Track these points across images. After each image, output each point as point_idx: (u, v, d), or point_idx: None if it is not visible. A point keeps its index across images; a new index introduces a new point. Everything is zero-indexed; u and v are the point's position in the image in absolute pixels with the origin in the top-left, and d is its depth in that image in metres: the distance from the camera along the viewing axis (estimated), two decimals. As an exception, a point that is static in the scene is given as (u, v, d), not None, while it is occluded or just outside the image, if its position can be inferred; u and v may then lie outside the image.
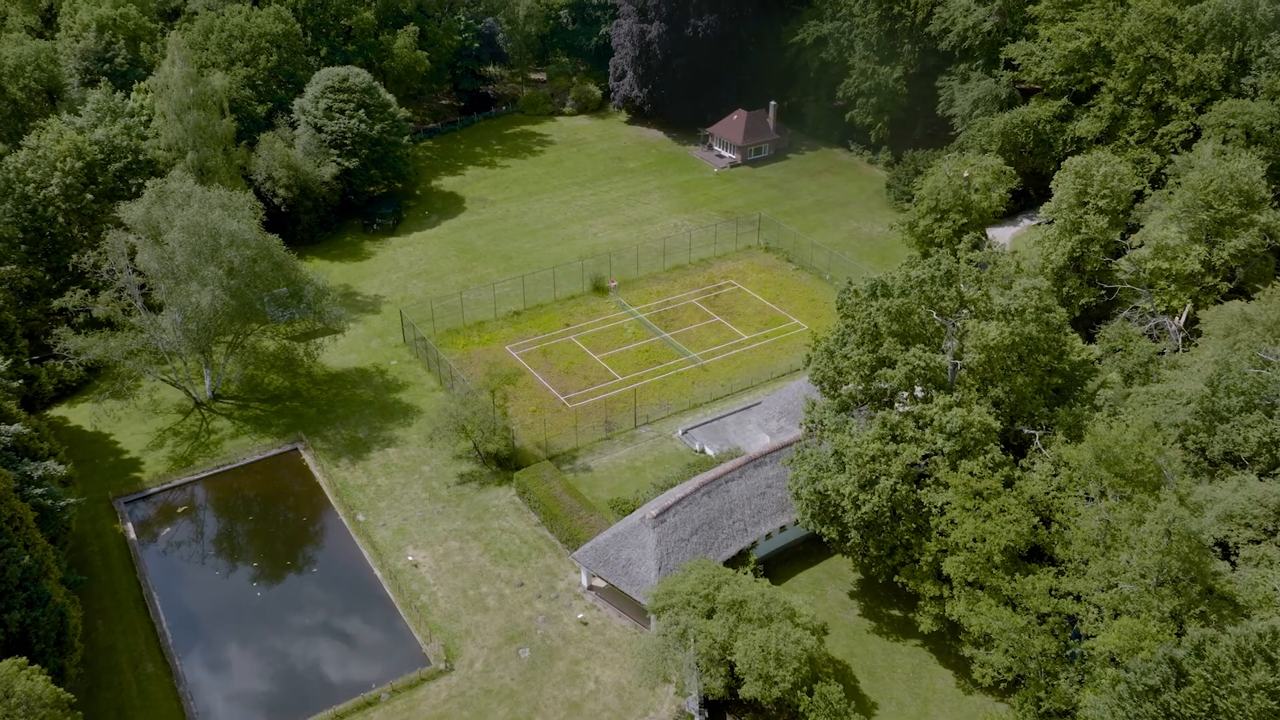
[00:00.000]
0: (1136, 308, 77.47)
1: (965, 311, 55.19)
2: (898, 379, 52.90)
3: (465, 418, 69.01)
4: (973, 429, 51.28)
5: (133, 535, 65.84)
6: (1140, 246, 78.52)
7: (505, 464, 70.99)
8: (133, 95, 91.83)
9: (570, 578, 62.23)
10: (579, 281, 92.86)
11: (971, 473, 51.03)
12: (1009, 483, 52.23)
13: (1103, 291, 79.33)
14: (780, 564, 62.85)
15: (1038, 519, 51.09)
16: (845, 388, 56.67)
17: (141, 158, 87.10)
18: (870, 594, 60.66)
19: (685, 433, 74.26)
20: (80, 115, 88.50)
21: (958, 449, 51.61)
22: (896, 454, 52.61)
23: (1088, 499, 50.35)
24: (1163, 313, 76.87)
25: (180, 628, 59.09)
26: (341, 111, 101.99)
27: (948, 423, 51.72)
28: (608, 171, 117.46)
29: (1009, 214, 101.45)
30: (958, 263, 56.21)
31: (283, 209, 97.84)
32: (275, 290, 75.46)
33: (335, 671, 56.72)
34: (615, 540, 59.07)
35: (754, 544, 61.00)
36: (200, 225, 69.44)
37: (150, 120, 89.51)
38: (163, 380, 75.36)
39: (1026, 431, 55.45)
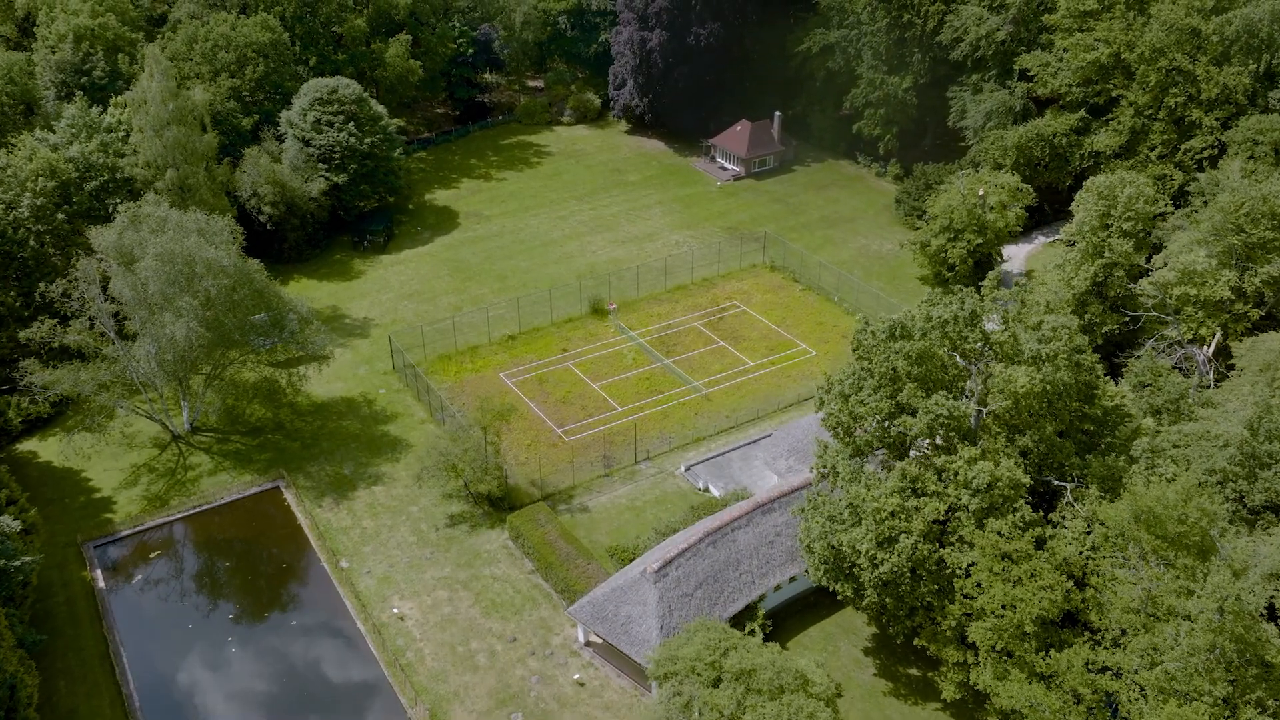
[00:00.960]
0: (1162, 336, 73.63)
1: (989, 354, 51.33)
2: (919, 428, 49.02)
3: (456, 456, 65.19)
4: (1001, 485, 47.40)
5: (101, 584, 61.99)
6: (1164, 268, 74.57)
7: (498, 504, 67.14)
8: (110, 110, 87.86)
9: (566, 632, 58.39)
10: (577, 303, 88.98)
11: (1000, 533, 47.17)
12: (1040, 543, 48.35)
13: (1126, 318, 75.45)
14: (790, 616, 59.04)
15: (1071, 582, 47.19)
16: (860, 432, 52.84)
17: (119, 176, 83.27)
18: (886, 650, 56.83)
19: (688, 469, 70.42)
20: (55, 131, 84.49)
21: (984, 506, 47.73)
22: (917, 509, 48.77)
23: (1124, 559, 46.46)
24: (1190, 341, 72.99)
25: (148, 690, 55.21)
26: (330, 124, 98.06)
27: (974, 478, 47.83)
28: (607, 184, 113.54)
29: (1024, 230, 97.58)
30: (981, 300, 52.28)
31: (269, 227, 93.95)
32: (254, 317, 71.43)
33: (313, 739, 52.98)
34: (614, 595, 55.20)
35: (761, 597, 57.17)
36: (175, 253, 65.56)
37: (128, 136, 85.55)
38: (137, 413, 71.43)
39: (1056, 483, 51.54)
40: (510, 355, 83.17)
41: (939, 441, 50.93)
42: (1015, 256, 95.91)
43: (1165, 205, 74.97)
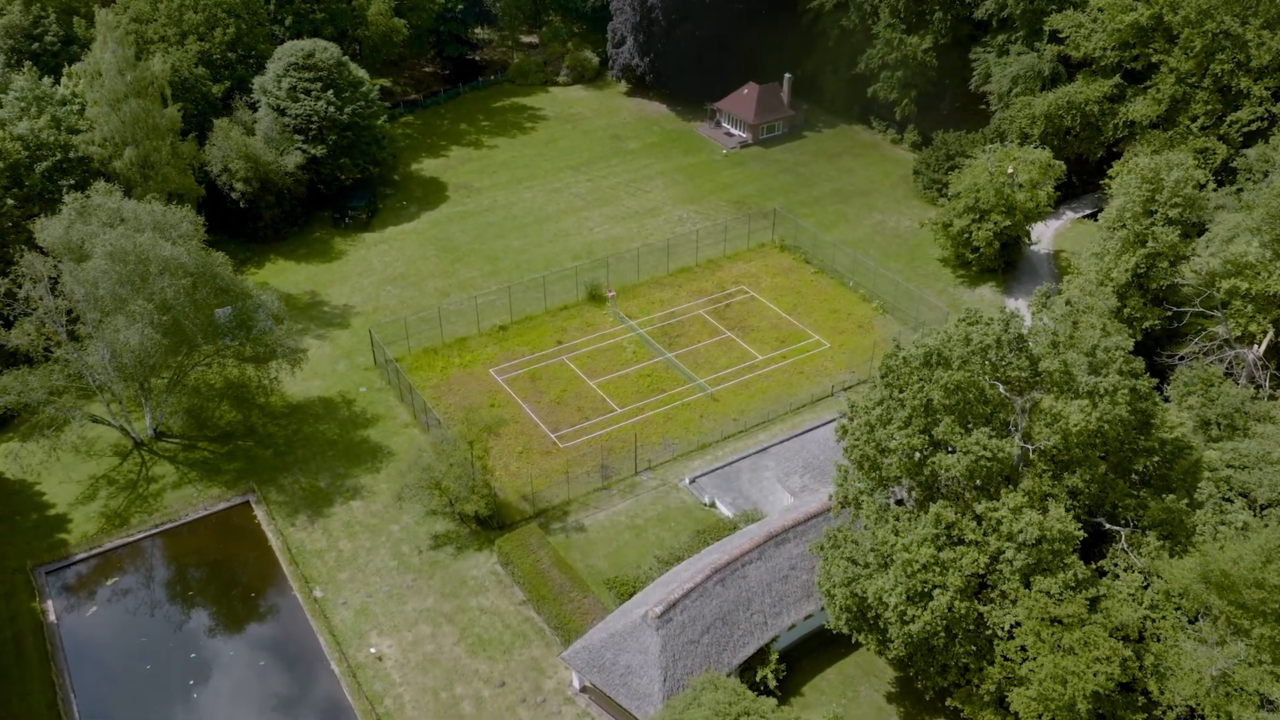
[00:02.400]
0: (1208, 334, 67.63)
1: (1036, 381, 45.43)
2: (958, 470, 43.29)
3: (440, 473, 59.62)
4: (1050, 538, 41.80)
5: (52, 616, 56.78)
6: (1208, 252, 68.24)
7: (486, 522, 61.69)
8: (64, 80, 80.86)
9: (560, 674, 53.25)
10: (573, 289, 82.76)
11: (1049, 593, 41.69)
12: (1093, 602, 42.87)
13: (1169, 313, 69.36)
14: (805, 655, 53.86)
15: (1128, 647, 41.83)
16: (887, 463, 47.12)
17: (73, 155, 76.54)
18: (911, 698, 51.65)
19: (692, 481, 64.86)
20: (1, 105, 77.60)
21: (1031, 561, 42.18)
22: (954, 561, 43.26)
23: (1191, 626, 41.04)
24: (1238, 339, 67.02)
25: (100, 745, 50.32)
26: (307, 92, 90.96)
27: (1019, 531, 42.23)
28: (605, 153, 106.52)
29: (1052, 205, 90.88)
30: (1024, 320, 46.24)
31: (241, 204, 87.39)
32: (218, 311, 65.24)
33: (281, 803, 48.07)
34: (613, 641, 49.93)
35: (774, 638, 51.95)
36: (127, 251, 59.31)
37: (84, 110, 78.68)
38: (95, 420, 65.68)
39: (1109, 527, 45.92)
40: (501, 348, 77.21)
41: (978, 482, 45.22)
42: (1043, 235, 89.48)
43: (1208, 181, 68.67)
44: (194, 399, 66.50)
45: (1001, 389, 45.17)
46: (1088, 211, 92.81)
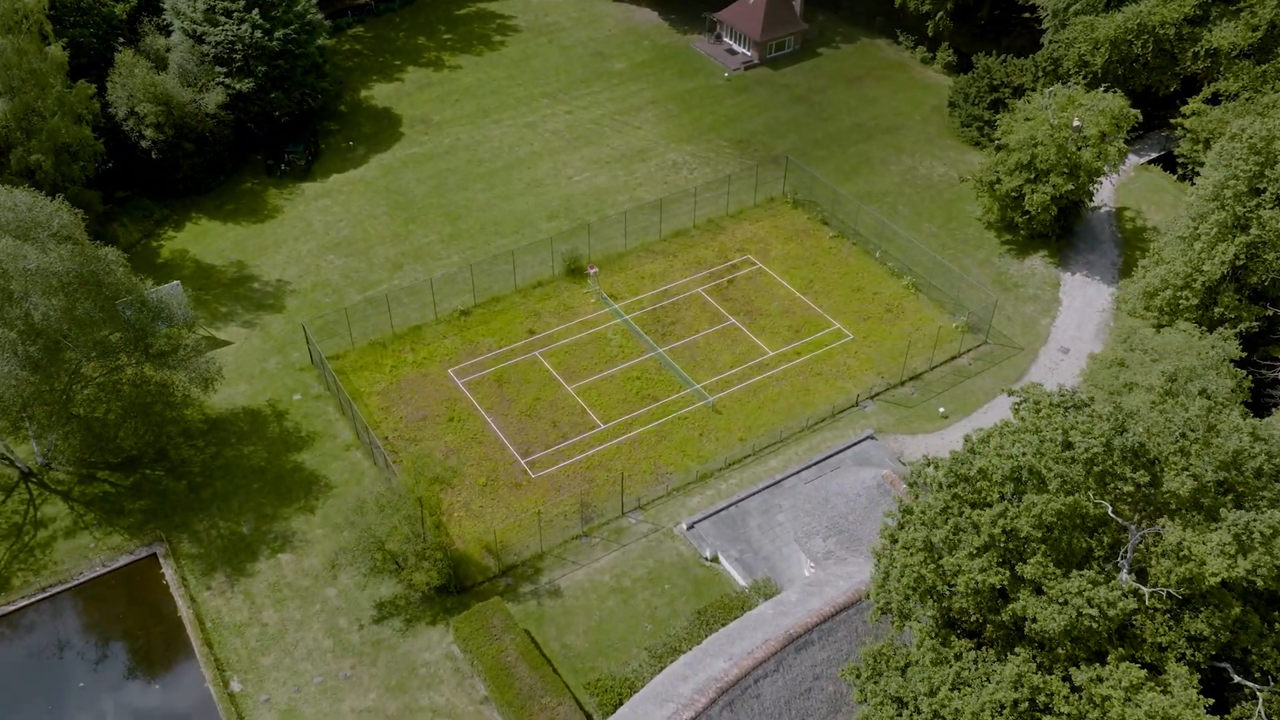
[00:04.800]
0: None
1: (1155, 501, 33.90)
2: (1054, 629, 32.17)
3: (383, 532, 48.45)
4: (1178, 732, 31.04)
5: (-91, 725, 46.44)
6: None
7: (443, 585, 50.86)
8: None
9: (529, 807, 43.33)
10: (548, 261, 69.91)
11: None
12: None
13: (1270, 313, 57.31)
14: (829, 776, 43.87)
15: None
16: (947, 589, 36.02)
17: (-70, 110, 62.50)
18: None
19: (690, 527, 53.83)
20: None
21: (1148, 760, 31.51)
22: (1040, 743, 32.61)
23: None
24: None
25: None
26: (228, 13, 75.77)
27: (1130, 715, 31.39)
28: (587, 75, 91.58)
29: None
30: (1145, 413, 34.42)
31: (154, 155, 73.45)
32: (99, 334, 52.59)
33: None
34: (592, 791, 39.75)
35: (795, 772, 41.86)
36: (-27, 267, 46.54)
37: (-57, 50, 64.11)
38: (-34, 454, 54.17)
39: (1238, 680, 35.07)
40: (462, 339, 64.99)
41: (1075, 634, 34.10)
42: (1102, 187, 76.14)
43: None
44: (86, 432, 54.40)
45: (1110, 510, 33.61)
46: (1154, 155, 79.25)
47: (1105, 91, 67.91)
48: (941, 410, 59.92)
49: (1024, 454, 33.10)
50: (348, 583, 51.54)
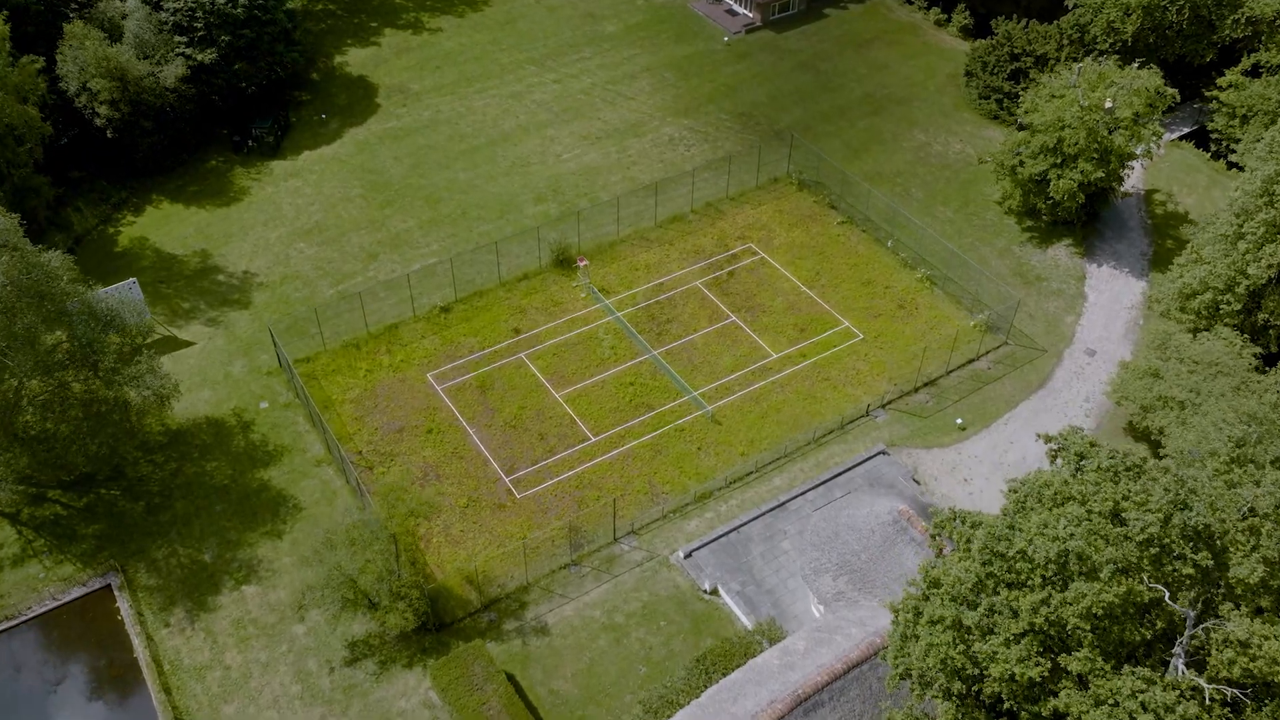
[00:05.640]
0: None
1: (1215, 586, 29.77)
2: (1101, 738, 28.24)
3: (354, 569, 44.41)
4: None
5: None
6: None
7: (421, 624, 46.94)
8: None
9: None
10: (534, 251, 65.05)
11: None
12: None
13: (1318, 318, 52.78)
14: (839, 842, 40.35)
15: None
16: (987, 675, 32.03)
17: None
18: None
19: (688, 556, 49.81)
20: None
21: None
22: None
23: None
24: None
25: None
26: (186, -24, 69.93)
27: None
28: (576, 39, 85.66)
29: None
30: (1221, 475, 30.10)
31: (109, 134, 68.07)
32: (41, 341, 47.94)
33: None
34: None
35: (802, 845, 38.31)
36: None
37: None
38: (-99, 477, 49.79)
39: (1304, 778, 31.28)
40: (443, 339, 60.40)
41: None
42: (1131, 170, 71.02)
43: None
44: (32, 456, 49.95)
45: (1167, 596, 29.46)
46: (1186, 130, 73.99)
47: (1140, 68, 62.50)
48: (959, 421, 55.61)
49: (1071, 535, 28.82)
50: (318, 619, 47.56)
